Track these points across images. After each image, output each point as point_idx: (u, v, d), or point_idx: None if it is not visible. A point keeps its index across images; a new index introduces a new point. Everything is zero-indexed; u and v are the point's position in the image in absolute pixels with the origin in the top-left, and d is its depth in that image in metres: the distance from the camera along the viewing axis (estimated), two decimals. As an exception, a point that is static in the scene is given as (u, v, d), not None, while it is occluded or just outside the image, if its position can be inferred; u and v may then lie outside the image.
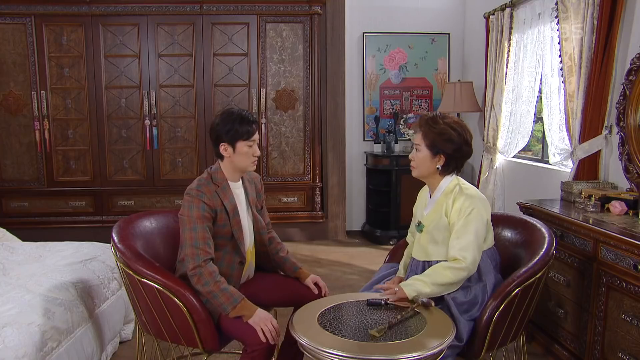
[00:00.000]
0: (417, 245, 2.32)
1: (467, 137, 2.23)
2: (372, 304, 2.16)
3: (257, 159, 2.32)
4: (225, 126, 2.22)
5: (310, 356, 1.92)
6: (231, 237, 2.25)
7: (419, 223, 2.31)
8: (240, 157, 2.25)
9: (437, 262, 2.22)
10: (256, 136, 2.29)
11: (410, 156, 2.30)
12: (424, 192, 2.41)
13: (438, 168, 2.22)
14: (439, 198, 2.25)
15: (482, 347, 2.12)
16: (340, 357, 1.79)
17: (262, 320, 2.05)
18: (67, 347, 2.32)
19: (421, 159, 2.24)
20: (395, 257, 2.72)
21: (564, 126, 3.43)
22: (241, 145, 2.23)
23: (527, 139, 4.23)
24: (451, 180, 2.25)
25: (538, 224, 2.46)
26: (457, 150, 2.20)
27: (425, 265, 2.28)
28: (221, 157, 2.28)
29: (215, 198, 2.20)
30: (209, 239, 2.15)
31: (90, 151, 5.08)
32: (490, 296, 2.20)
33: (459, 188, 2.22)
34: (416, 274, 2.27)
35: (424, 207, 2.33)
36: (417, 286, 2.12)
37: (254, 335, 2.05)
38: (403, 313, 2.03)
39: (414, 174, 2.32)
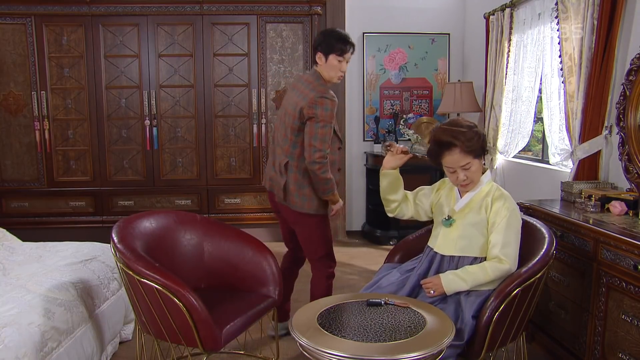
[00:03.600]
0: (443, 240, 2.31)
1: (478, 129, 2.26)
2: (371, 304, 2.16)
3: (343, 74, 2.78)
4: (324, 39, 2.69)
5: (310, 357, 1.91)
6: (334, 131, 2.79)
7: (449, 217, 2.30)
8: (329, 67, 2.71)
9: (461, 257, 2.24)
10: (348, 56, 2.72)
11: (461, 178, 2.23)
12: (448, 186, 2.41)
13: (484, 164, 2.28)
14: (476, 197, 2.27)
15: (482, 347, 2.12)
16: (339, 358, 1.79)
17: (340, 207, 2.88)
18: (67, 347, 2.32)
19: (475, 171, 2.23)
20: (395, 257, 2.72)
21: (564, 126, 3.43)
22: (332, 58, 2.69)
23: (527, 139, 4.22)
24: (487, 181, 2.29)
25: (538, 224, 2.47)
26: (484, 142, 2.25)
27: (450, 259, 2.28)
28: (316, 64, 2.77)
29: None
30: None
31: (90, 151, 5.08)
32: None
33: (497, 190, 2.27)
34: (439, 266, 2.29)
35: (453, 202, 2.33)
36: (456, 286, 2.18)
37: (323, 245, 2.91)
38: None
39: (470, 187, 2.28)
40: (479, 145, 2.21)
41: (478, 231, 2.24)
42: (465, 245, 2.25)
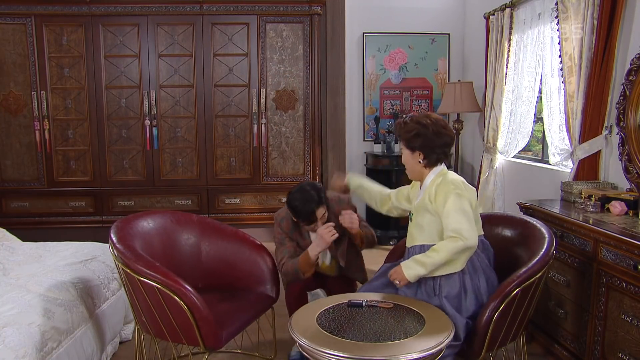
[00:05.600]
0: (408, 234, 2.45)
1: (435, 128, 2.30)
2: (352, 305, 2.17)
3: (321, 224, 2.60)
4: (291, 204, 2.57)
5: (309, 357, 1.91)
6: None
7: (410, 213, 2.44)
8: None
9: (421, 246, 2.31)
10: (320, 215, 2.56)
11: (402, 161, 2.44)
12: (416, 185, 2.50)
13: (420, 162, 2.33)
14: (427, 187, 2.34)
15: (482, 347, 2.13)
16: (339, 358, 1.79)
17: (318, 242, 2.50)
18: (67, 347, 2.32)
19: (405, 158, 2.40)
20: (395, 257, 2.72)
21: (564, 126, 3.43)
22: (302, 224, 2.63)
23: (527, 139, 4.22)
24: (437, 172, 2.34)
25: (538, 224, 2.47)
26: (428, 140, 2.30)
27: (413, 250, 2.36)
28: None
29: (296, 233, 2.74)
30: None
31: (90, 151, 5.07)
32: (481, 285, 2.23)
33: (443, 178, 2.31)
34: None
35: (416, 198, 2.42)
36: (415, 272, 2.23)
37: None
38: None
39: (409, 176, 2.45)
40: (406, 138, 2.33)
41: (429, 221, 2.30)
42: (419, 234, 2.34)
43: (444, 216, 2.22)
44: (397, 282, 2.28)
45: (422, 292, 2.28)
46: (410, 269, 2.22)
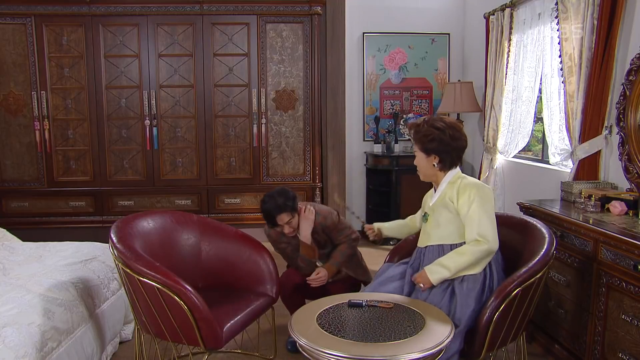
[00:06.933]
0: (422, 234, 2.46)
1: (452, 132, 2.33)
2: (352, 305, 2.18)
3: (293, 230, 2.76)
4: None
5: (309, 357, 1.92)
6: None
7: (425, 214, 2.45)
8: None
9: (439, 246, 2.33)
10: (283, 221, 2.70)
11: (414, 163, 2.45)
12: (428, 196, 2.53)
13: (434, 165, 2.36)
14: (443, 189, 2.37)
15: (482, 347, 2.13)
16: (339, 358, 1.79)
17: (304, 225, 2.77)
18: (67, 347, 2.32)
19: (418, 161, 2.40)
20: (395, 257, 2.73)
21: (564, 126, 3.43)
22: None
23: (527, 139, 4.22)
24: (454, 174, 2.37)
25: (538, 224, 2.47)
26: (444, 145, 2.33)
27: (427, 250, 2.37)
28: None
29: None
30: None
31: (90, 151, 5.07)
32: (491, 286, 2.24)
33: (462, 180, 2.34)
34: (420, 261, 2.40)
35: (431, 201, 2.45)
36: (440, 275, 2.24)
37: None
38: None
39: (421, 177, 2.47)
40: (422, 141, 2.34)
41: (447, 219, 2.33)
42: (439, 234, 2.35)
43: (468, 219, 2.25)
44: (422, 286, 2.29)
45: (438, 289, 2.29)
46: (435, 273, 2.25)
